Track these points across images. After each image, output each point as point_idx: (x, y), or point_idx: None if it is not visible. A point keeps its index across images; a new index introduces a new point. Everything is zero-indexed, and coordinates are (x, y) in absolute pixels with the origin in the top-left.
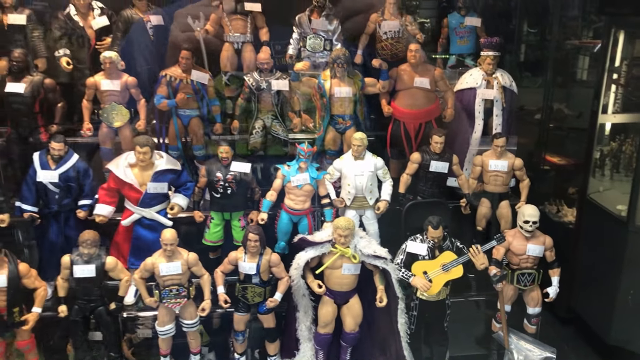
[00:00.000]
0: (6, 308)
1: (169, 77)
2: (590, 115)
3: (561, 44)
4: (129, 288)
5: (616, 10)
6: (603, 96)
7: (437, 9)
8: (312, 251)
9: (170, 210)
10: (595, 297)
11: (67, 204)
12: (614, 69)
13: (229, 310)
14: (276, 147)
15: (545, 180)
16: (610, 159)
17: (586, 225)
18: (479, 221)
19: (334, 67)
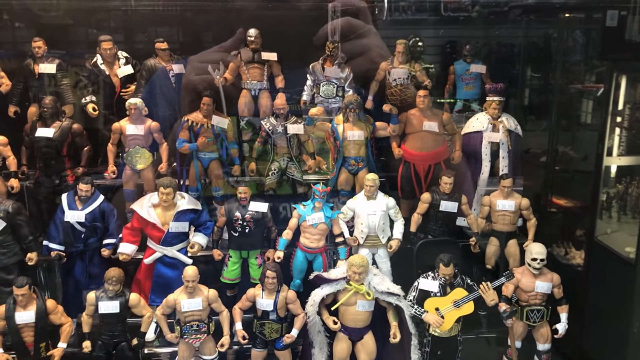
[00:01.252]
0: (33, 343)
1: (190, 121)
2: (596, 158)
3: (564, 88)
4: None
5: (618, 56)
6: (607, 139)
7: (440, 55)
8: (328, 288)
9: (191, 249)
10: (605, 337)
11: (92, 243)
12: (617, 112)
13: (246, 347)
14: (285, 187)
15: (552, 222)
16: (617, 201)
17: (594, 267)
18: (488, 259)
19: (346, 111)
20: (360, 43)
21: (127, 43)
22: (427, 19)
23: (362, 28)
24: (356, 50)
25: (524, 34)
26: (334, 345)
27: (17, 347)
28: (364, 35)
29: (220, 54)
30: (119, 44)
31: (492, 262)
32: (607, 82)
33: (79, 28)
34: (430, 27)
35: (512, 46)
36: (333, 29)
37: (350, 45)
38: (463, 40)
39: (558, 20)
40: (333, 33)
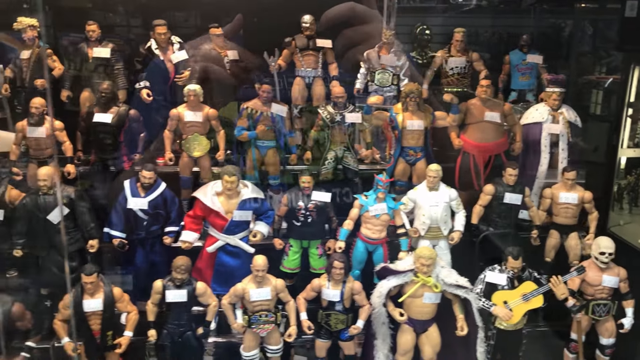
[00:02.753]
0: (100, 331)
1: (249, 109)
2: (610, 150)
3: (574, 79)
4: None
5: (635, 47)
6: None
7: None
8: (395, 280)
9: (253, 238)
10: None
11: (154, 231)
12: (630, 104)
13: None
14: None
15: None
16: (628, 193)
17: None
18: (548, 252)
19: (406, 100)
20: (363, 30)
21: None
22: (436, 6)
23: (366, 14)
24: (359, 37)
25: (535, 23)
26: (398, 337)
27: (83, 335)
28: (367, 21)
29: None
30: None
31: (552, 255)
32: (624, 73)
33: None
34: (438, 15)
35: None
36: (336, 15)
37: (353, 32)
38: (472, 29)
39: (572, 10)
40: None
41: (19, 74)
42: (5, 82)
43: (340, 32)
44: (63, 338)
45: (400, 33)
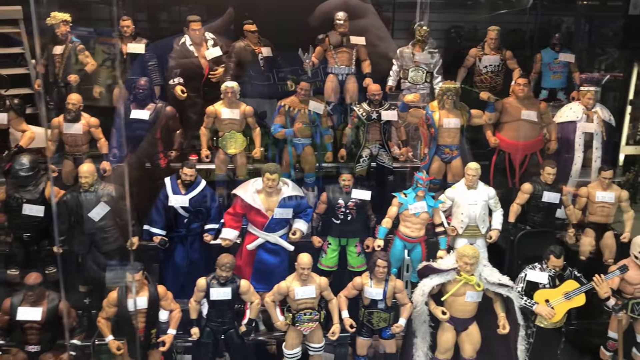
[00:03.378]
0: (144, 329)
1: (287, 106)
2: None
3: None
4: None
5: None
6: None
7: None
8: (437, 278)
9: (293, 235)
10: None
11: (194, 228)
12: (630, 102)
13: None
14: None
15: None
16: (628, 189)
17: None
18: (583, 251)
19: (443, 98)
20: (358, 24)
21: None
22: (434, 2)
23: (360, 8)
24: (353, 31)
25: (535, 20)
26: (439, 335)
27: (128, 333)
28: (362, 15)
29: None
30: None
31: (587, 254)
32: (627, 71)
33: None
34: (435, 11)
35: (521, 33)
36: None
37: (352, 25)
38: (469, 25)
39: (573, 7)
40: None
41: (51, 69)
42: (37, 77)
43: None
44: (107, 336)
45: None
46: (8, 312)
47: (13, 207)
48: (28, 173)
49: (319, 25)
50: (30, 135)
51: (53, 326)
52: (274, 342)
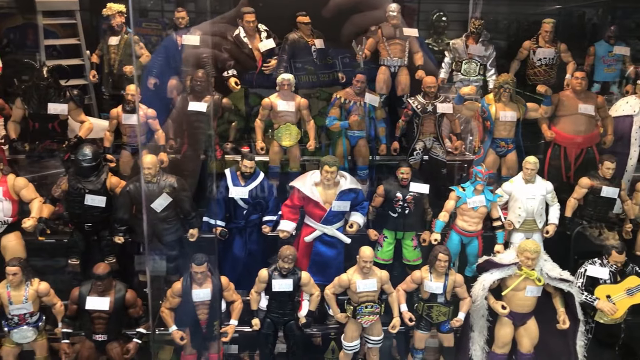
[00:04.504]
0: (207, 321)
1: (342, 99)
2: None
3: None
4: (303, 304)
5: None
6: None
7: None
8: (498, 273)
9: (349, 228)
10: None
11: (253, 220)
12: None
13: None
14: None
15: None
16: None
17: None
18: (639, 247)
19: (499, 91)
20: (372, 15)
21: None
22: None
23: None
24: (368, 22)
25: (556, 11)
26: (497, 330)
27: (191, 324)
28: (376, 6)
29: (223, 25)
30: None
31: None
32: None
33: None
34: (454, 2)
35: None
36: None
37: (362, 17)
38: (488, 16)
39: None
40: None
41: (107, 60)
42: (92, 68)
43: (348, 17)
44: (171, 326)
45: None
46: (76, 301)
47: (75, 197)
48: (91, 164)
49: (332, 16)
50: (88, 126)
51: (120, 316)
52: (319, 334)
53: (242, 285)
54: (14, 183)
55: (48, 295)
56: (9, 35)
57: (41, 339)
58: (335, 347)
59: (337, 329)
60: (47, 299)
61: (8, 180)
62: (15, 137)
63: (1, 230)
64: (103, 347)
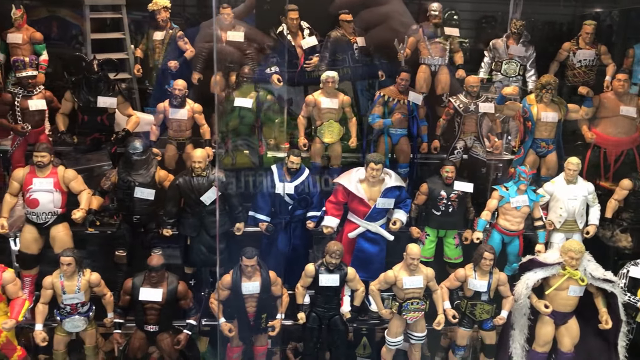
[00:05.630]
0: (255, 314)
1: (386, 97)
2: None
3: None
4: (344, 299)
5: None
6: None
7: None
8: (541, 272)
9: (393, 226)
10: None
11: (298, 215)
12: None
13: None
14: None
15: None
16: None
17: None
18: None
19: (542, 92)
20: (379, 11)
21: None
22: None
23: None
24: (375, 18)
25: (573, 12)
26: (538, 328)
27: (239, 316)
28: (384, 2)
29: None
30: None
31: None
32: None
33: None
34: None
35: (559, 25)
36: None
37: (369, 13)
38: (500, 15)
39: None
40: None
41: (151, 54)
42: (137, 62)
43: (356, 14)
44: (220, 318)
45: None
46: (129, 292)
47: (124, 189)
48: (141, 157)
49: (339, 13)
50: (136, 120)
51: (171, 307)
52: (352, 329)
53: (285, 280)
54: (63, 175)
55: (99, 285)
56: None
57: (91, 328)
58: (367, 342)
59: (374, 325)
60: (98, 290)
61: (58, 172)
62: (63, 130)
63: (51, 221)
64: (154, 337)
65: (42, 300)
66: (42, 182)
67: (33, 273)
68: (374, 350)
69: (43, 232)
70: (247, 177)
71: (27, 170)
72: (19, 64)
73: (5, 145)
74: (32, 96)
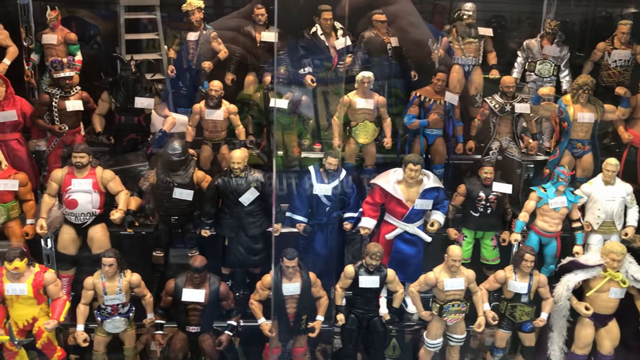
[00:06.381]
0: (295, 315)
1: (422, 97)
2: None
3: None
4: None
5: None
6: None
7: None
8: (582, 274)
9: (431, 227)
10: None
11: (335, 216)
12: None
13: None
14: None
15: None
16: None
17: None
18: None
19: (578, 92)
20: (388, 11)
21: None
22: None
23: None
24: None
25: (585, 11)
26: (578, 331)
27: (279, 316)
28: (392, 2)
29: (238, 20)
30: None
31: None
32: None
33: None
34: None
35: (572, 24)
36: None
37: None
38: (513, 15)
39: None
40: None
41: (185, 55)
42: (170, 63)
43: (364, 14)
44: (260, 318)
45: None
46: (172, 293)
47: (163, 190)
48: (180, 157)
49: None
50: (172, 121)
51: (213, 308)
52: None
53: (321, 280)
54: (102, 175)
55: (139, 286)
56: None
57: (131, 329)
58: (397, 344)
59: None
60: (138, 290)
61: (97, 173)
62: (100, 130)
63: (89, 221)
64: (195, 338)
65: (83, 301)
66: (81, 182)
67: (70, 274)
68: (403, 351)
69: (81, 232)
70: (285, 178)
71: (66, 171)
72: (57, 64)
73: (40, 146)
74: (69, 97)
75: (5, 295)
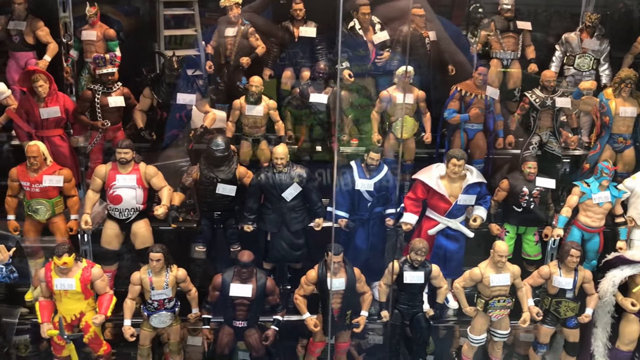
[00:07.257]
0: (340, 310)
1: (463, 91)
2: None
3: None
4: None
5: None
6: None
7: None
8: (629, 270)
9: (473, 222)
10: None
11: (377, 212)
12: None
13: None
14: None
15: None
16: None
17: None
18: None
19: (620, 86)
20: (396, 6)
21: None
22: None
23: None
24: (392, 13)
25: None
26: (623, 327)
27: (324, 312)
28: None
29: (249, 14)
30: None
31: None
32: None
33: None
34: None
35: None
36: None
37: (385, 8)
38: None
39: None
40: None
41: (223, 51)
42: (208, 58)
43: (373, 9)
44: (304, 313)
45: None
46: (219, 287)
47: (206, 186)
48: (223, 153)
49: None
50: (213, 117)
51: (260, 303)
52: None
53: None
54: (145, 171)
55: (185, 281)
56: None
57: (176, 324)
58: (431, 339)
59: (446, 322)
60: (184, 285)
61: (140, 168)
62: (142, 126)
63: (132, 217)
64: (241, 333)
65: (130, 296)
66: (125, 178)
67: (113, 269)
68: (437, 347)
69: (124, 228)
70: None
71: (109, 166)
72: (99, 61)
73: (80, 143)
74: (112, 93)
75: (53, 289)
